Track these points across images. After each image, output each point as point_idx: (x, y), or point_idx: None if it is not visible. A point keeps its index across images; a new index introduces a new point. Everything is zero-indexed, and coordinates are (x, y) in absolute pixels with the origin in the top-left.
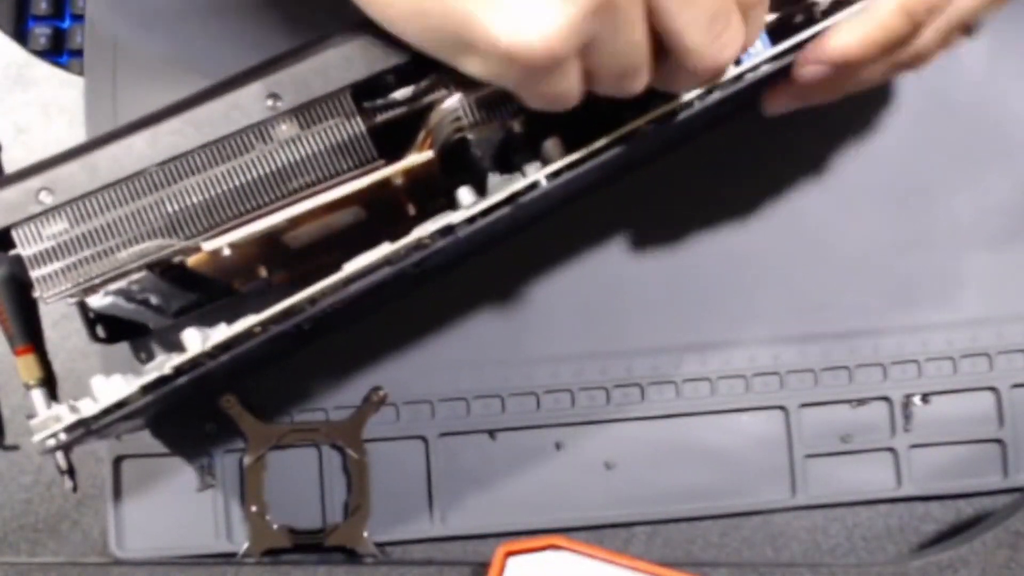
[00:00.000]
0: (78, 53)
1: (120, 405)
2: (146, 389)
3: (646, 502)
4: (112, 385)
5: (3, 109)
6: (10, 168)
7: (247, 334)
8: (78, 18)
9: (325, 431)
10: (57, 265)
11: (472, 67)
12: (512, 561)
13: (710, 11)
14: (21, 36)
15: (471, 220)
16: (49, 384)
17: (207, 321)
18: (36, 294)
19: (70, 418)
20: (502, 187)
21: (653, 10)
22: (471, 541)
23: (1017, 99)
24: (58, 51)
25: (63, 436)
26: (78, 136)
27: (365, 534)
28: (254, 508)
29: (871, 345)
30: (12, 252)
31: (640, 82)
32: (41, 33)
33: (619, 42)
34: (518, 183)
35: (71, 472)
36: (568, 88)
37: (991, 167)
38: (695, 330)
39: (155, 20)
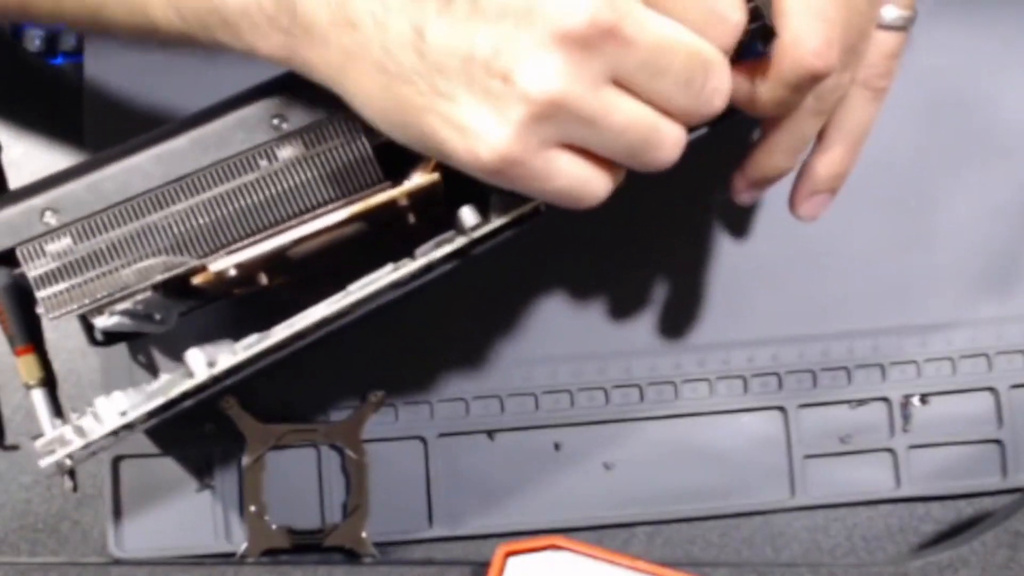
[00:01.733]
0: (72, 54)
1: (125, 427)
2: (152, 414)
3: (645, 502)
4: (115, 405)
5: (3, 109)
6: (10, 168)
7: (254, 359)
8: None
9: (324, 431)
10: (62, 285)
11: (450, 163)
12: (512, 561)
13: (683, 74)
14: (16, 38)
15: (476, 243)
16: (49, 384)
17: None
18: (39, 311)
19: (77, 442)
20: (506, 210)
21: (627, 87)
22: (471, 541)
23: (1017, 99)
24: (52, 53)
25: (68, 461)
26: (77, 136)
27: (364, 534)
28: (253, 508)
29: (870, 345)
30: (17, 271)
31: (665, 153)
32: (35, 35)
33: (603, 131)
34: (522, 208)
35: (71, 472)
36: (571, 179)
37: (990, 167)
38: (694, 330)
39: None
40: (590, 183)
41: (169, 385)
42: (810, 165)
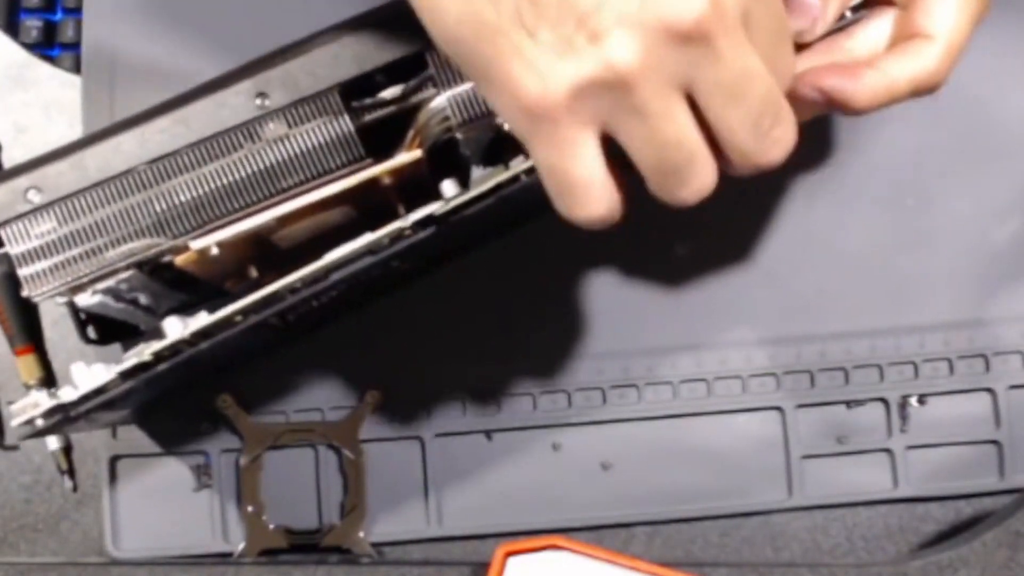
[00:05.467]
0: (69, 46)
1: (99, 391)
2: (125, 375)
3: (643, 503)
4: (92, 372)
5: (3, 109)
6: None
7: (228, 322)
8: (69, 11)
9: (321, 431)
10: (45, 264)
11: (487, 98)
12: (512, 561)
13: (757, 109)
14: (13, 29)
15: (452, 212)
16: (49, 384)
17: None
18: (24, 292)
19: (48, 403)
20: (485, 180)
21: (698, 104)
22: (470, 541)
23: (1016, 99)
24: (49, 44)
25: (40, 421)
26: (78, 136)
27: (361, 534)
28: (250, 508)
29: (868, 346)
30: (0, 251)
31: (688, 191)
32: (32, 26)
33: (649, 132)
34: (501, 175)
35: (71, 472)
36: (582, 172)
37: (988, 168)
38: (692, 331)
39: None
40: (593, 189)
41: (143, 348)
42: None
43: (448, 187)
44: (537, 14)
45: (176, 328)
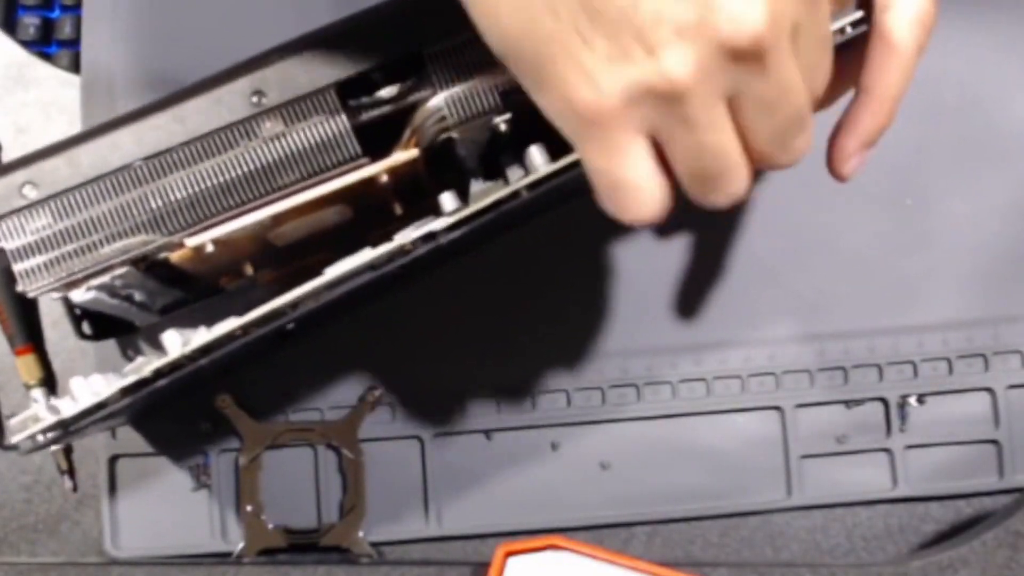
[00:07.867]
0: (67, 43)
1: (99, 407)
2: (125, 392)
3: (642, 502)
4: (92, 386)
5: (3, 109)
6: None
7: (228, 337)
8: (67, 9)
9: (321, 431)
10: (40, 259)
11: (540, 103)
12: (512, 561)
13: (787, 121)
14: (10, 26)
15: (453, 227)
16: (49, 384)
17: (193, 319)
18: (19, 288)
19: (49, 419)
20: (484, 195)
21: (733, 111)
22: (470, 541)
23: (1013, 100)
24: (47, 41)
25: (41, 437)
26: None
27: (360, 534)
28: (249, 508)
29: (867, 346)
30: None
31: (724, 194)
32: (30, 23)
33: (696, 141)
34: (500, 191)
35: (71, 472)
36: (632, 175)
37: (987, 168)
38: (691, 330)
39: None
40: (642, 191)
41: (143, 364)
42: (857, 119)
43: (447, 200)
44: (595, 25)
45: (176, 344)
